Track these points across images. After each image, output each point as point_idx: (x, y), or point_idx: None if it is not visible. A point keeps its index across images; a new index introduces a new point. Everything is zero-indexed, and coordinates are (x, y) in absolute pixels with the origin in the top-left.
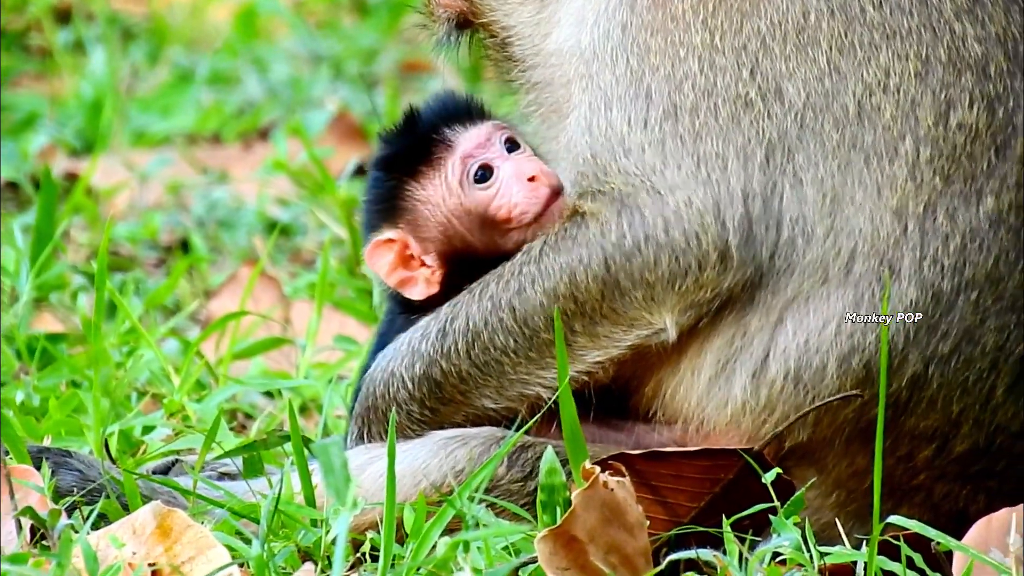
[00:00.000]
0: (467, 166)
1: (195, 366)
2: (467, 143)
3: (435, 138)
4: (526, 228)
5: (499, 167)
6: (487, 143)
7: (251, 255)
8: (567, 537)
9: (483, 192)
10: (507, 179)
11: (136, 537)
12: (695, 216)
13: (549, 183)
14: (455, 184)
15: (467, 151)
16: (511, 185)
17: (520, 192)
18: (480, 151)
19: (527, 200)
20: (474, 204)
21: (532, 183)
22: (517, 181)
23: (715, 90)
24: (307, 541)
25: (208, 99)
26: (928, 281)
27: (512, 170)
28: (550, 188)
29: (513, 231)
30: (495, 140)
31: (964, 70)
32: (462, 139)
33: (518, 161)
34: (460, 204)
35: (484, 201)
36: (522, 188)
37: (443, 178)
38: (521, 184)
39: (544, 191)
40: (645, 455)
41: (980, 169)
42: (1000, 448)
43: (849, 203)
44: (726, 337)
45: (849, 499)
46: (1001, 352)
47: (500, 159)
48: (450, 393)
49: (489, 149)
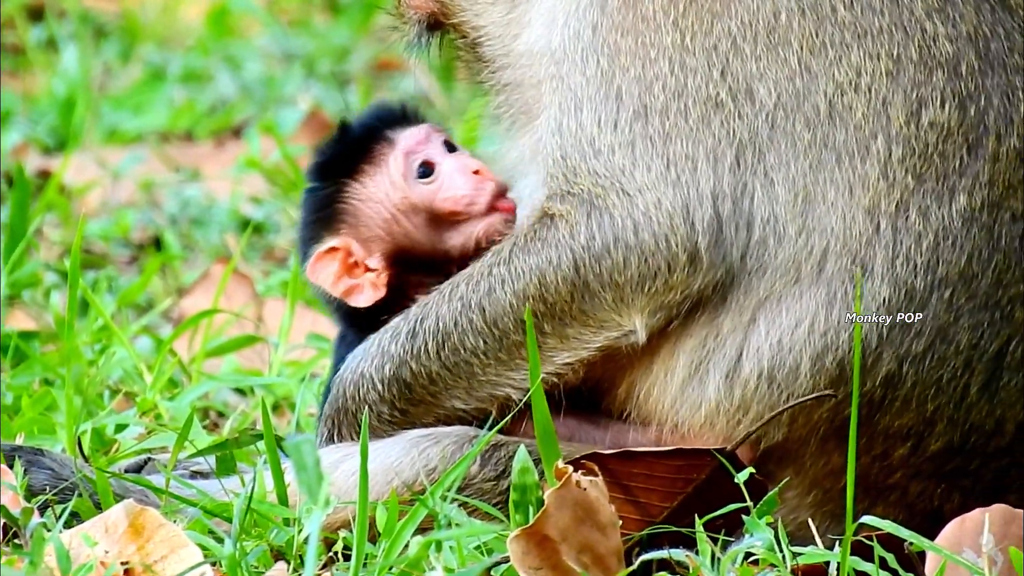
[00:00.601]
0: (410, 161)
1: (167, 364)
2: (409, 140)
3: (374, 138)
4: (473, 223)
5: (440, 163)
6: (427, 141)
7: (224, 253)
8: (539, 536)
9: (427, 187)
10: (450, 173)
11: (108, 536)
12: (664, 218)
13: (493, 178)
14: (399, 179)
15: (409, 147)
16: (455, 178)
17: (466, 184)
18: (422, 147)
19: (474, 191)
20: (420, 199)
21: (476, 175)
22: (461, 174)
23: (685, 91)
24: (279, 540)
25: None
26: (901, 279)
27: (454, 165)
28: (495, 183)
29: (459, 226)
30: (433, 140)
31: (935, 69)
32: (403, 136)
33: (459, 158)
34: (405, 198)
35: (429, 195)
36: (467, 180)
37: (386, 174)
38: (465, 176)
39: (490, 184)
40: (618, 454)
41: (952, 167)
42: (974, 446)
43: (821, 202)
44: (698, 338)
45: (826, 498)
46: (975, 350)
47: (440, 156)
48: (420, 394)
49: (430, 147)
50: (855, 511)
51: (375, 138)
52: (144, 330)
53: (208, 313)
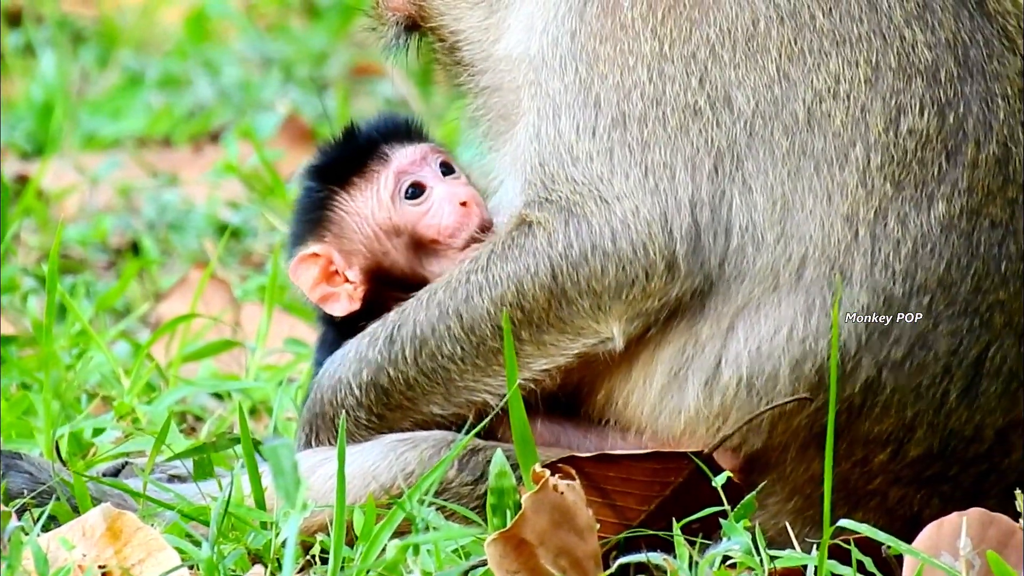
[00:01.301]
0: (400, 181)
1: (145, 368)
2: (403, 159)
3: (371, 151)
4: (452, 254)
5: (432, 187)
6: (422, 162)
7: (201, 257)
8: (517, 540)
9: (413, 209)
10: (439, 200)
11: (86, 539)
12: (642, 226)
13: (480, 212)
14: (386, 198)
15: (402, 167)
16: (443, 206)
17: (451, 215)
18: (415, 168)
19: (458, 223)
20: (403, 220)
21: (463, 207)
22: (449, 203)
23: (664, 99)
24: (257, 543)
25: (158, 102)
26: (880, 286)
27: (445, 192)
28: (480, 217)
29: (438, 254)
30: (431, 161)
31: (914, 76)
32: (398, 155)
33: (452, 184)
34: (389, 218)
35: (414, 218)
36: (454, 211)
37: (375, 191)
38: (453, 207)
39: (475, 219)
40: (594, 458)
41: (931, 175)
42: (954, 452)
43: (799, 210)
44: (677, 345)
45: (806, 504)
46: (954, 357)
47: (434, 180)
48: (397, 400)
49: (424, 168)
50: (835, 517)
51: (372, 151)
52: (122, 335)
53: (186, 318)
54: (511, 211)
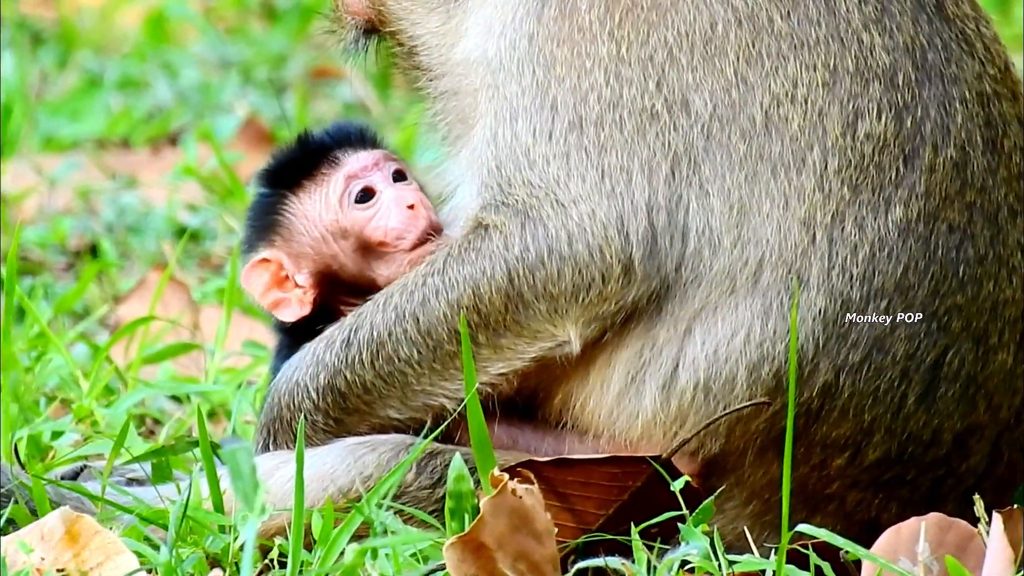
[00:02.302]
0: (350, 185)
1: (104, 371)
2: (354, 164)
3: (323, 156)
4: (399, 257)
5: (381, 192)
6: (374, 168)
7: (160, 260)
8: (475, 544)
9: (361, 212)
10: (387, 204)
11: (44, 543)
12: (599, 229)
13: (428, 216)
14: (335, 201)
15: (353, 171)
16: (390, 209)
17: (397, 218)
18: (365, 173)
19: (404, 226)
20: (351, 223)
21: (411, 211)
22: (396, 207)
23: (621, 102)
24: (215, 547)
25: (117, 104)
26: (837, 290)
27: (393, 196)
28: (428, 221)
29: (385, 257)
30: (383, 167)
31: (872, 80)
32: (350, 159)
33: (401, 189)
34: (337, 221)
35: (361, 222)
36: (400, 214)
37: (324, 194)
38: (400, 210)
39: (422, 222)
40: (553, 462)
41: (888, 179)
42: (912, 456)
43: (756, 214)
44: (634, 349)
45: (765, 508)
46: (912, 361)
47: (384, 184)
48: (355, 403)
49: (375, 174)
50: (793, 521)
51: (323, 156)
52: (80, 337)
53: (144, 320)
54: (467, 215)
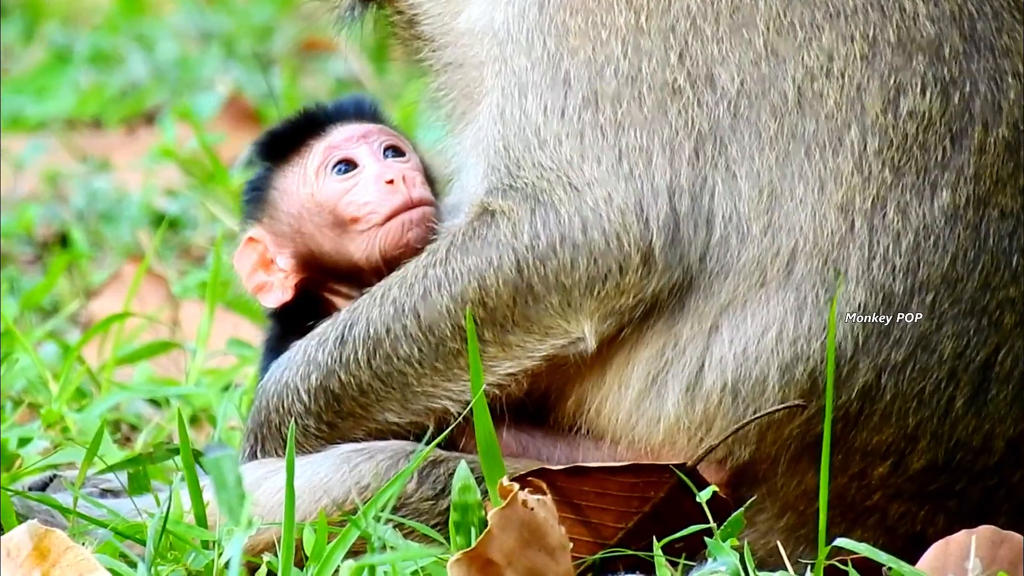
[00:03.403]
0: (328, 156)
1: (75, 372)
2: (337, 135)
3: (313, 129)
4: (373, 232)
5: (364, 166)
6: (359, 140)
7: (136, 251)
8: (483, 561)
9: (338, 185)
10: (367, 178)
11: (11, 559)
12: (616, 215)
13: (408, 192)
14: (312, 173)
15: (334, 142)
16: (368, 184)
17: (374, 192)
18: (348, 144)
19: (378, 200)
20: (325, 196)
21: (389, 186)
22: (375, 182)
23: (640, 76)
24: (198, 564)
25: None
26: (878, 283)
27: (375, 171)
28: (407, 196)
29: (361, 235)
30: (373, 142)
31: (915, 52)
32: (335, 131)
33: (386, 165)
34: (312, 194)
35: (336, 194)
36: (377, 189)
37: (303, 165)
38: (378, 185)
39: (399, 197)
40: (567, 471)
41: (934, 160)
42: (960, 465)
43: (788, 198)
44: (655, 347)
45: (799, 522)
46: (960, 360)
47: (370, 158)
48: (349, 406)
49: (359, 146)
50: (830, 535)
51: (313, 129)
52: (49, 335)
53: (119, 317)
54: (473, 199)
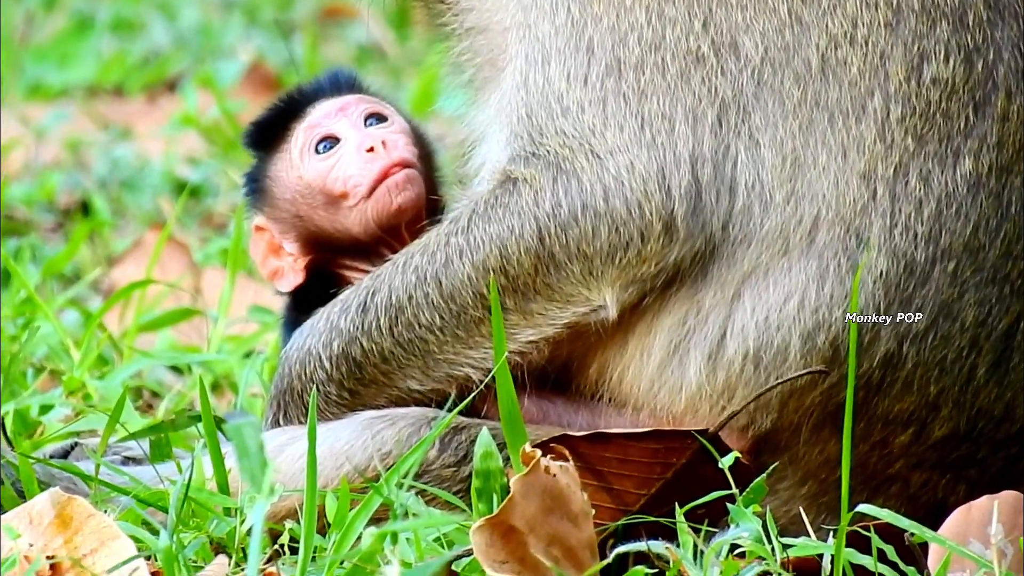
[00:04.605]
0: (309, 136)
1: (97, 340)
2: (316, 113)
3: (295, 112)
4: (362, 205)
5: (345, 139)
6: (338, 114)
7: (158, 218)
8: (505, 527)
9: (322, 163)
10: (348, 151)
11: (33, 527)
12: (638, 183)
13: (388, 155)
14: (296, 156)
15: (313, 121)
16: (350, 157)
17: (355, 164)
18: (326, 121)
19: (360, 172)
20: (312, 177)
21: (369, 154)
22: (356, 152)
23: (663, 44)
24: (220, 531)
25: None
26: (900, 250)
27: (356, 142)
28: (387, 160)
29: (351, 209)
30: (352, 112)
31: (939, 19)
32: (315, 110)
33: (366, 134)
34: (300, 177)
35: (321, 173)
36: (358, 159)
37: (288, 151)
38: (359, 155)
39: (379, 163)
40: (590, 437)
41: (957, 128)
42: (981, 434)
43: (812, 166)
44: (678, 315)
45: (821, 490)
46: (982, 328)
47: (351, 130)
48: (371, 374)
49: (338, 120)
50: (852, 502)
51: (295, 112)
52: (71, 303)
53: (141, 284)
54: (495, 167)
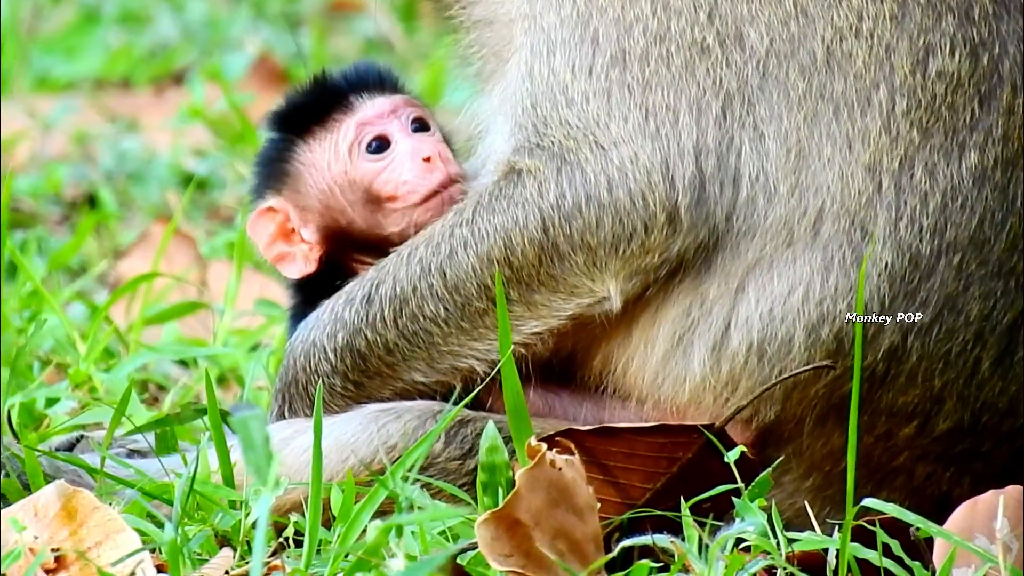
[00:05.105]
0: (361, 134)
1: (103, 333)
2: (368, 111)
3: (337, 100)
4: (410, 211)
5: (397, 142)
6: (391, 115)
7: (164, 211)
8: (510, 521)
9: (372, 164)
10: (401, 155)
11: (38, 520)
12: (641, 174)
13: (446, 169)
14: (344, 150)
15: (365, 118)
16: (404, 162)
17: (411, 171)
18: (380, 121)
19: (416, 180)
20: (360, 175)
21: (426, 163)
22: (411, 159)
23: (668, 35)
24: (225, 524)
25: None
26: (905, 243)
27: (409, 148)
28: (445, 174)
29: (396, 212)
30: (401, 115)
31: (945, 13)
32: (364, 106)
33: (419, 140)
34: (345, 172)
35: (371, 173)
36: (414, 167)
37: (333, 142)
38: (415, 163)
39: (437, 175)
40: (595, 431)
41: (962, 121)
42: (986, 427)
43: (816, 158)
44: (682, 306)
45: (825, 482)
46: (987, 322)
47: (401, 134)
48: (376, 366)
49: (391, 122)
50: (857, 496)
51: (337, 100)
52: (77, 295)
53: (147, 277)
54: (499, 158)
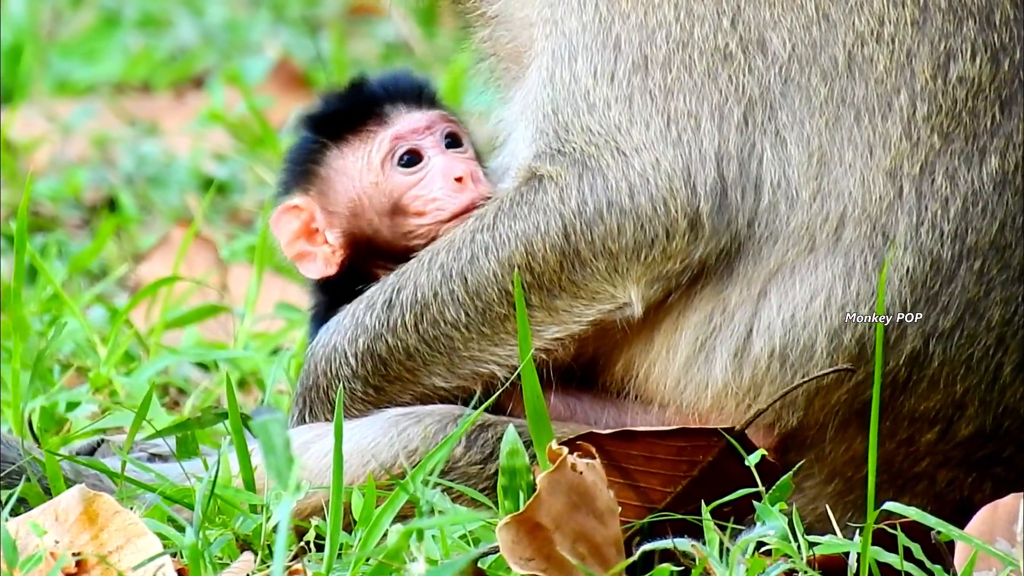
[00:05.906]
0: (395, 147)
1: (124, 336)
2: (404, 124)
3: (372, 110)
4: (436, 227)
5: (430, 158)
6: (425, 131)
7: (184, 215)
8: (531, 524)
9: (404, 177)
10: (434, 172)
11: (59, 524)
12: (663, 180)
13: (476, 189)
14: (377, 161)
15: (401, 132)
16: (435, 179)
17: (442, 189)
18: (415, 136)
19: (446, 198)
20: (391, 187)
21: (458, 183)
22: (443, 177)
23: (691, 41)
24: (246, 528)
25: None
26: (926, 248)
27: (442, 165)
28: (474, 195)
29: (422, 227)
30: (436, 131)
31: (966, 18)
32: (400, 119)
33: (451, 158)
34: (376, 184)
35: (402, 187)
36: (446, 185)
37: (367, 152)
38: (447, 181)
39: (467, 195)
40: (616, 435)
41: (983, 126)
42: (1007, 432)
43: (838, 164)
44: (704, 312)
45: (847, 488)
46: (1008, 327)
47: (434, 150)
48: (396, 370)
49: (425, 138)
50: (879, 500)
51: (373, 110)
52: (98, 299)
53: (167, 281)
54: (520, 164)
